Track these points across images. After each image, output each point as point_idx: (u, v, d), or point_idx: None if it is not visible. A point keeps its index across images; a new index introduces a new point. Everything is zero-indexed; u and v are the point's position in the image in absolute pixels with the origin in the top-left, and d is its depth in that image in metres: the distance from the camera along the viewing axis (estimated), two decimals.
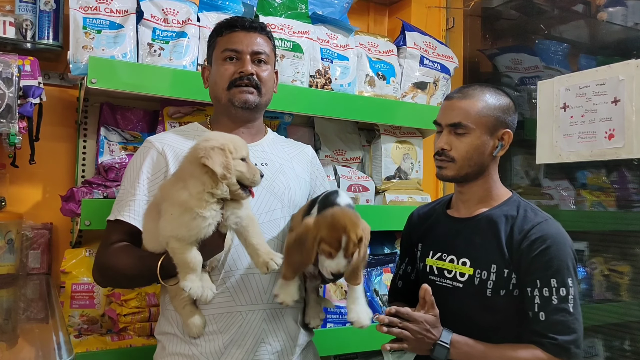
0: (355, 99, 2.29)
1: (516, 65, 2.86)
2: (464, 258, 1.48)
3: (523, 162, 2.81)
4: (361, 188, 2.36)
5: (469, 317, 1.45)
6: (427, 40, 2.62)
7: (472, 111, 1.45)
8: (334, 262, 1.30)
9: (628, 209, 2.51)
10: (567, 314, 1.35)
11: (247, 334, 1.45)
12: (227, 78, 1.53)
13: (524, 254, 1.39)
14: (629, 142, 1.79)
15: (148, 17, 2.02)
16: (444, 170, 1.49)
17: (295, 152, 1.70)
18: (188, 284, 1.27)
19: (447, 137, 1.48)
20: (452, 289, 1.49)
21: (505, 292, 1.42)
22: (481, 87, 1.51)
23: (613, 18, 2.52)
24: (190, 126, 1.65)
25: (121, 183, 1.55)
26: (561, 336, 1.33)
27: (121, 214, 1.45)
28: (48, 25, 2.06)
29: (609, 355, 2.43)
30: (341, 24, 2.41)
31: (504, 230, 1.44)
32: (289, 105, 2.12)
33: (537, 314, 1.36)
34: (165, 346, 1.49)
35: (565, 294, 1.36)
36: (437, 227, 1.61)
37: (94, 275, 1.50)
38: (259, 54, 1.55)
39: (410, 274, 1.68)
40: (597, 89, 1.90)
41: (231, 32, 1.55)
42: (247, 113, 1.56)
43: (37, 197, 2.18)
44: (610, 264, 2.49)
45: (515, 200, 1.52)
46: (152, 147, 1.52)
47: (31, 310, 1.71)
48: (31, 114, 1.89)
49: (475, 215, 1.52)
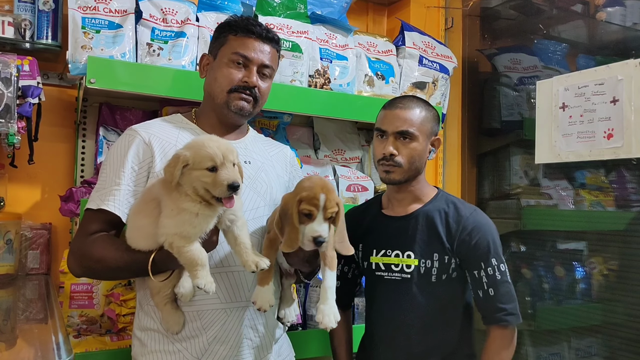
0: (354, 99, 2.29)
1: (515, 65, 2.86)
2: (408, 251, 1.64)
3: (522, 162, 2.81)
4: (360, 188, 2.36)
5: (417, 304, 1.62)
6: (426, 40, 2.63)
7: (415, 120, 1.63)
8: (315, 224, 1.32)
9: (627, 208, 2.51)
10: (508, 284, 1.60)
11: (231, 330, 1.46)
12: (231, 83, 1.53)
13: (464, 242, 1.60)
14: (628, 142, 1.79)
15: (147, 17, 2.02)
16: (392, 175, 1.63)
17: (275, 151, 1.72)
18: (201, 281, 1.26)
19: (394, 144, 1.62)
20: (401, 280, 1.65)
21: (446, 276, 1.62)
22: (416, 99, 1.71)
23: (612, 18, 2.52)
24: (174, 117, 1.62)
25: (101, 170, 1.50)
26: (508, 305, 1.58)
27: (105, 203, 1.41)
28: (47, 25, 2.06)
29: (608, 354, 2.44)
30: (340, 24, 2.41)
31: (440, 223, 1.63)
32: (288, 105, 2.12)
33: (487, 291, 1.59)
34: (146, 343, 1.47)
35: (504, 269, 1.60)
36: (376, 227, 1.73)
37: (69, 263, 1.45)
38: (266, 67, 1.56)
39: (347, 273, 1.81)
40: (596, 89, 1.90)
41: (247, 37, 1.54)
42: (237, 118, 1.58)
43: (36, 198, 2.17)
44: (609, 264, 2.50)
45: (442, 196, 1.71)
46: (137, 136, 1.49)
47: (30, 311, 1.70)
48: (30, 114, 1.89)
49: (412, 213, 1.68)
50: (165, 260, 1.32)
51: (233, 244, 1.36)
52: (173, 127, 1.56)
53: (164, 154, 1.47)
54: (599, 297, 2.52)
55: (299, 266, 1.51)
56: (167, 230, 1.27)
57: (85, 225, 1.44)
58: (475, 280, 1.61)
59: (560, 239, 2.66)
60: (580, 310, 2.58)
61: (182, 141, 1.50)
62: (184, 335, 1.44)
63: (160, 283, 1.37)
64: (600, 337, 2.46)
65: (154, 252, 1.33)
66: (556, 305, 2.62)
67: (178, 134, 1.53)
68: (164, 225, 1.27)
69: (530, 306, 2.65)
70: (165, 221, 1.27)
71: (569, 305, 2.60)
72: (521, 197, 2.73)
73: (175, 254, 1.27)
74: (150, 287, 1.43)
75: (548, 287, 2.63)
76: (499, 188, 2.89)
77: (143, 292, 1.50)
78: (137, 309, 1.55)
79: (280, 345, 1.63)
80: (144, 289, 1.50)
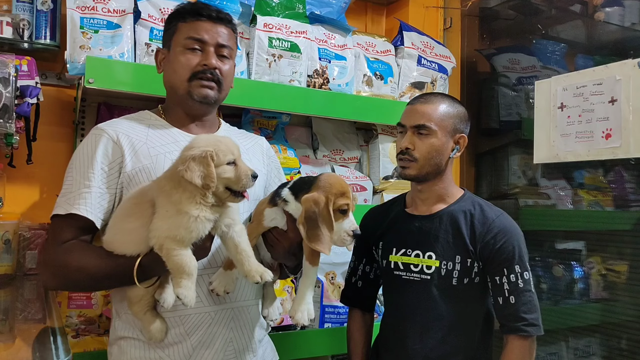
0: (353, 99, 2.29)
1: (514, 65, 2.87)
2: (430, 252, 1.60)
3: (520, 162, 2.81)
4: (359, 188, 2.37)
5: (436, 307, 1.57)
6: (425, 40, 2.63)
7: (434, 115, 1.59)
8: (351, 217, 1.36)
9: (625, 208, 2.52)
10: (531, 294, 1.54)
11: (215, 334, 1.41)
12: (190, 69, 1.45)
13: (488, 245, 1.55)
14: (626, 142, 1.80)
15: (145, 17, 2.02)
16: (407, 170, 1.61)
17: (251, 143, 1.65)
18: (183, 291, 1.19)
19: (411, 138, 1.60)
20: (420, 281, 1.60)
21: (468, 280, 1.57)
22: (441, 95, 1.68)
23: (610, 18, 2.53)
24: (141, 114, 1.55)
25: (67, 173, 1.40)
26: (529, 315, 1.51)
27: (75, 207, 1.32)
28: (45, 25, 2.06)
29: (606, 354, 2.44)
30: (339, 24, 2.41)
31: (465, 225, 1.59)
32: (286, 105, 2.12)
33: (508, 298, 1.53)
34: (126, 351, 1.40)
35: (528, 277, 1.54)
36: (397, 225, 1.70)
37: (44, 278, 1.37)
38: (223, 47, 1.48)
39: (369, 274, 1.78)
40: (594, 89, 1.90)
41: (196, 20, 1.46)
42: (204, 107, 1.51)
43: (34, 198, 2.17)
44: (608, 264, 2.50)
45: (469, 197, 1.67)
46: (104, 135, 1.40)
47: (28, 311, 1.70)
48: (28, 114, 1.88)
49: (436, 212, 1.64)
50: (152, 265, 1.26)
51: (233, 251, 1.30)
52: (141, 124, 1.48)
53: (134, 152, 1.40)
54: (597, 296, 2.52)
55: (284, 260, 1.47)
56: (159, 233, 1.21)
57: (56, 233, 1.35)
58: (496, 287, 1.55)
59: (559, 239, 2.67)
60: (578, 310, 2.58)
61: (153, 138, 1.45)
62: (166, 342, 1.38)
63: (144, 290, 1.30)
64: (599, 336, 2.47)
65: (140, 256, 1.26)
66: (554, 305, 2.62)
67: (147, 131, 1.46)
68: (157, 228, 1.21)
69: None
70: (159, 223, 1.22)
71: (567, 305, 2.61)
72: (519, 196, 2.73)
73: (164, 257, 1.21)
74: (129, 296, 1.34)
75: (546, 287, 2.63)
76: (497, 188, 2.89)
77: (119, 301, 1.43)
78: (113, 318, 1.47)
79: (264, 349, 1.59)
80: (120, 298, 1.42)
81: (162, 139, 1.47)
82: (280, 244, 1.40)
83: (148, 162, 1.40)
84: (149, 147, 1.43)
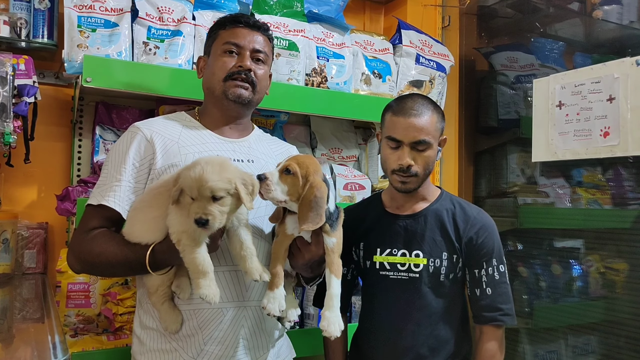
0: (351, 98, 2.29)
1: (512, 64, 2.87)
2: (417, 250, 1.63)
3: (519, 160, 2.81)
4: (357, 186, 2.36)
5: (423, 304, 1.61)
6: (423, 39, 2.63)
7: (431, 128, 1.58)
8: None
9: (623, 206, 2.52)
10: (506, 285, 1.62)
11: (227, 330, 1.44)
12: (225, 70, 1.53)
13: (472, 240, 1.61)
14: (624, 140, 1.80)
15: (143, 16, 2.02)
16: (408, 185, 1.61)
17: (281, 150, 1.72)
18: (204, 291, 1.24)
19: (411, 154, 1.58)
20: (409, 280, 1.63)
21: (453, 275, 1.63)
22: (423, 100, 1.62)
23: (608, 16, 2.53)
24: (178, 115, 1.63)
25: (103, 167, 1.50)
26: (504, 305, 1.60)
27: (105, 199, 1.41)
28: (43, 23, 2.06)
29: (605, 352, 2.44)
30: (337, 23, 2.41)
31: (448, 222, 1.64)
32: (285, 103, 2.12)
33: (485, 290, 1.61)
34: (145, 342, 1.47)
35: (504, 270, 1.62)
36: (380, 225, 1.70)
37: (69, 260, 1.45)
38: (258, 52, 1.57)
39: (347, 275, 1.75)
40: (593, 87, 1.90)
41: (234, 27, 1.56)
42: (238, 108, 1.57)
43: (32, 197, 2.17)
44: (606, 262, 2.50)
45: (447, 196, 1.71)
46: (139, 133, 1.49)
47: (27, 310, 1.70)
48: (26, 113, 1.88)
49: (420, 211, 1.67)
50: (165, 253, 1.31)
51: (238, 249, 1.35)
52: (176, 124, 1.56)
53: (166, 151, 1.47)
54: (596, 295, 2.53)
55: (302, 271, 1.51)
56: (176, 228, 1.27)
57: (85, 221, 1.45)
58: (474, 279, 1.62)
59: (557, 237, 2.67)
60: (577, 308, 2.58)
61: (185, 138, 1.52)
62: (181, 334, 1.43)
63: (159, 278, 1.36)
64: (598, 334, 2.47)
65: (153, 243, 1.32)
66: (553, 303, 2.63)
67: (181, 132, 1.54)
68: (174, 222, 1.27)
69: (527, 304, 2.66)
70: (175, 217, 1.27)
71: (566, 303, 2.61)
72: (518, 195, 2.73)
73: (181, 253, 1.26)
74: (147, 285, 1.41)
75: (545, 285, 2.63)
76: (496, 186, 2.90)
77: (142, 290, 1.50)
78: (137, 307, 1.54)
79: (280, 346, 1.62)
80: (143, 287, 1.49)
81: (194, 139, 1.54)
82: (301, 254, 1.42)
83: (177, 160, 1.47)
84: (180, 146, 1.50)
